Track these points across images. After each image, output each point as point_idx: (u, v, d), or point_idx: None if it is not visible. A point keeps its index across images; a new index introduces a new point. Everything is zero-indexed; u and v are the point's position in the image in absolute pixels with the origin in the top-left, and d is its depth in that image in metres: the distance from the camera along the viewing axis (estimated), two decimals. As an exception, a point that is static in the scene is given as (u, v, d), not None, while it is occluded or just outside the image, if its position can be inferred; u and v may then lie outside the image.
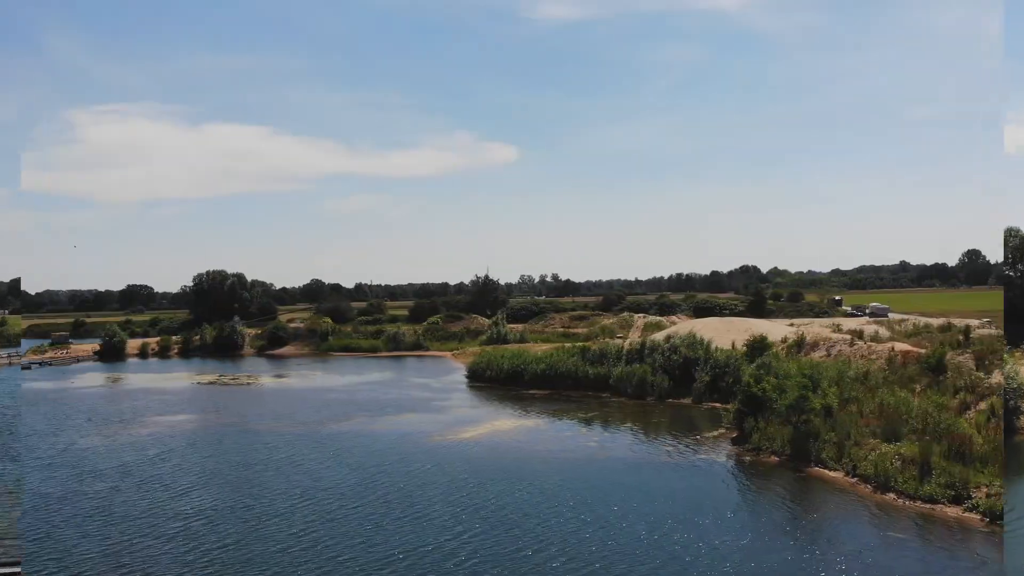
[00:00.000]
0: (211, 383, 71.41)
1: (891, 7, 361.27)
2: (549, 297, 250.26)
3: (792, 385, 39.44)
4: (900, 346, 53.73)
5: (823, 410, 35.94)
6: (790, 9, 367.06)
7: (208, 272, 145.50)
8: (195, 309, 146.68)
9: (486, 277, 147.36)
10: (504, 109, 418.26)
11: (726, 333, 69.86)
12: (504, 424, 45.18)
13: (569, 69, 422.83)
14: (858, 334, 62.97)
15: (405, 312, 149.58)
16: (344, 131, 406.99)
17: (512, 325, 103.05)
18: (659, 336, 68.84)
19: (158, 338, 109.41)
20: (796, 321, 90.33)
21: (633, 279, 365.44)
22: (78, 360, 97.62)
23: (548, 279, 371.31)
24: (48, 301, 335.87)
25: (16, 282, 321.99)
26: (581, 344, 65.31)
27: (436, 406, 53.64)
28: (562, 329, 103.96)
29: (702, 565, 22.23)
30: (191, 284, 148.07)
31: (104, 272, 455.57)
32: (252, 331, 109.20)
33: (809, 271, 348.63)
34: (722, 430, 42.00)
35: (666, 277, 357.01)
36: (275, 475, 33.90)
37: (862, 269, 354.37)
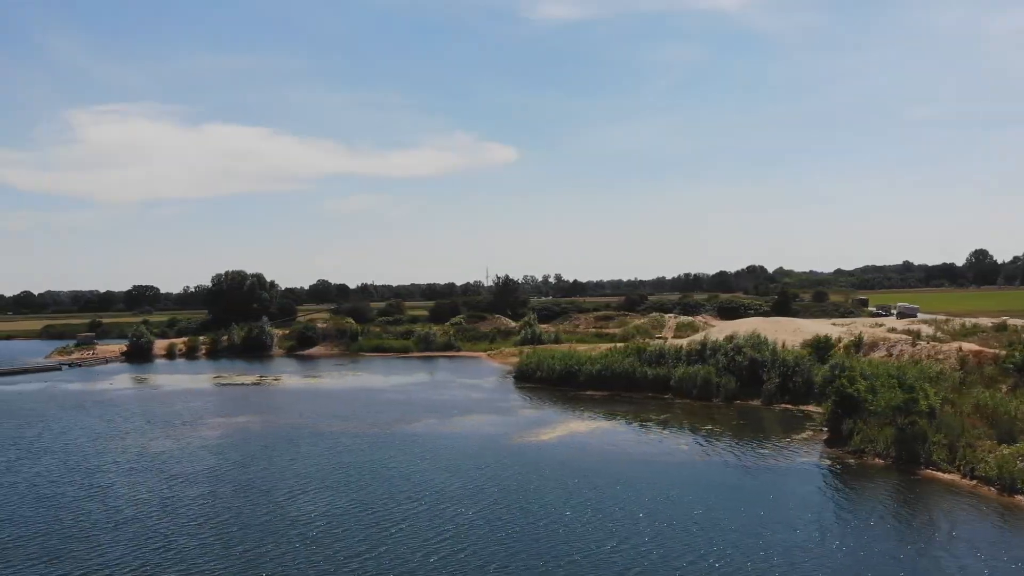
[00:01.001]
0: (255, 383, 70.42)
1: (891, 7, 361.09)
2: (556, 297, 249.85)
3: (881, 386, 38.74)
4: (968, 346, 52.98)
5: (927, 411, 35.14)
6: (790, 9, 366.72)
7: (227, 272, 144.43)
8: (213, 309, 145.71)
9: (507, 277, 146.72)
10: (504, 109, 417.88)
11: (774, 333, 68.92)
12: (579, 426, 44.28)
13: (569, 69, 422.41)
14: (915, 334, 62.26)
15: (424, 312, 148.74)
16: (344, 131, 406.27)
17: (542, 325, 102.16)
18: (718, 336, 67.94)
19: (185, 339, 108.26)
20: (837, 321, 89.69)
21: (634, 279, 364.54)
22: (107, 361, 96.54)
23: (551, 279, 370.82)
24: (51, 302, 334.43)
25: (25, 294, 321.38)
26: (635, 345, 64.35)
27: (497, 407, 52.73)
28: (594, 329, 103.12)
29: (836, 566, 21.43)
30: (209, 284, 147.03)
31: (103, 273, 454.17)
32: (279, 331, 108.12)
33: (811, 271, 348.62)
34: (810, 432, 41.18)
35: (669, 277, 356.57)
36: (374, 478, 32.90)
37: (867, 269, 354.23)
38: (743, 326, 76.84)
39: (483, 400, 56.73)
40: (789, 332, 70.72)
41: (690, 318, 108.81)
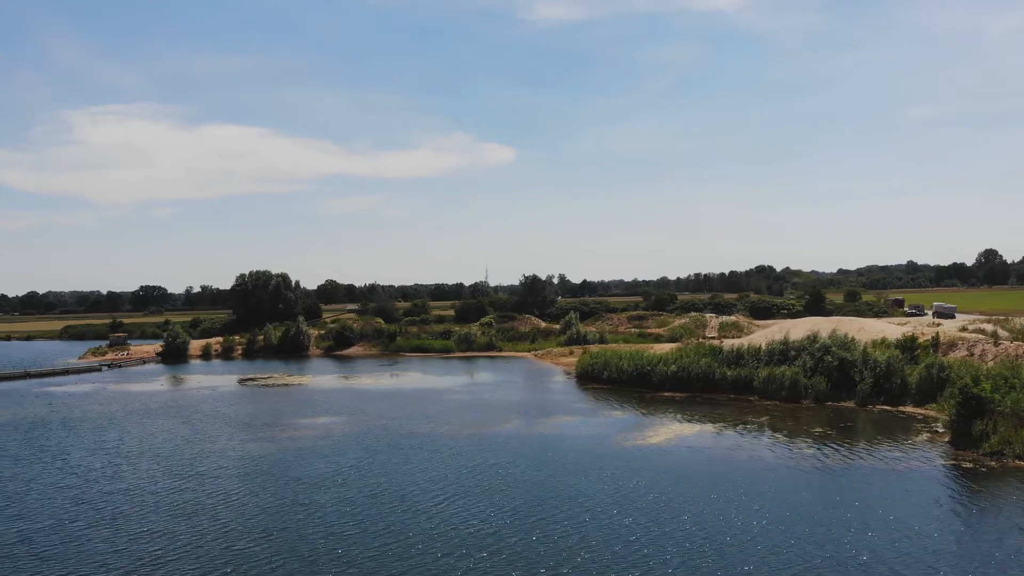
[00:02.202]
0: (308, 384, 69.01)
1: (891, 7, 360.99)
2: (565, 298, 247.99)
3: (1003, 385, 37.73)
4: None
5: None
6: (788, 9, 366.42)
7: (251, 272, 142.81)
8: (238, 309, 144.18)
9: (534, 277, 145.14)
10: (502, 110, 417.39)
11: (840, 332, 67.81)
12: (682, 429, 42.99)
13: (567, 70, 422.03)
14: (993, 334, 61.23)
15: (449, 312, 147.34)
16: (342, 132, 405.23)
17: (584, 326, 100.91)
18: (799, 335, 66.82)
19: (219, 339, 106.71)
20: (892, 320, 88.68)
21: (634, 280, 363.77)
22: (143, 362, 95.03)
23: (555, 279, 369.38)
24: (58, 303, 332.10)
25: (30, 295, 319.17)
26: (709, 346, 63.07)
27: (575, 408, 51.50)
28: (636, 329, 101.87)
29: None
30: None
31: (102, 273, 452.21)
32: (315, 331, 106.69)
33: (812, 271, 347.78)
34: (928, 434, 40.01)
35: (672, 277, 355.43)
36: (509, 482, 31.52)
37: (871, 269, 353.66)
38: (802, 325, 75.83)
39: (557, 401, 55.51)
40: (854, 331, 69.44)
41: (732, 318, 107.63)
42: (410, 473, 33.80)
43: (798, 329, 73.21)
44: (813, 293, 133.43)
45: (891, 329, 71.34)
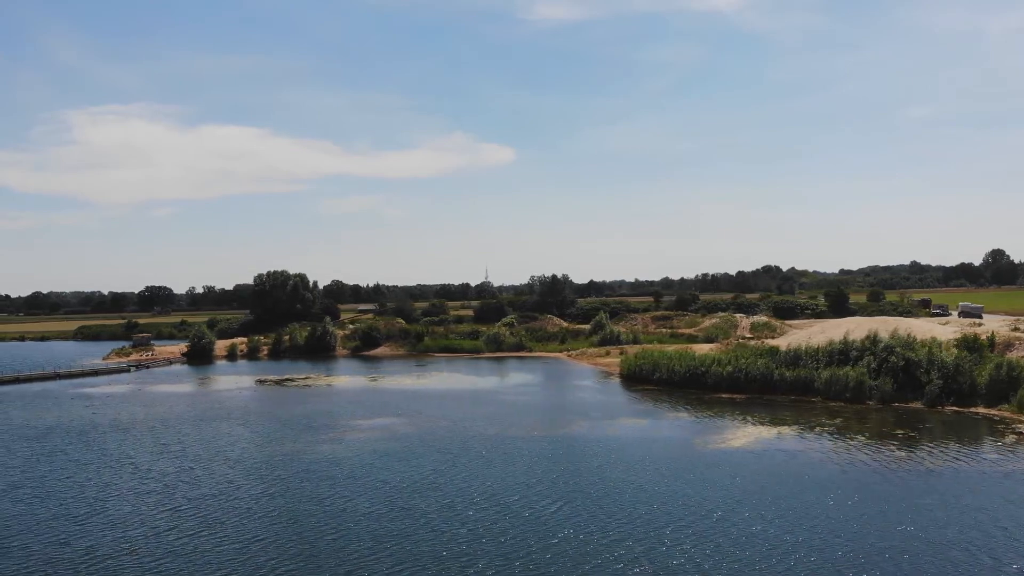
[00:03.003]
0: (350, 384, 67.90)
1: (890, 7, 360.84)
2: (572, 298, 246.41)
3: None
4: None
5: None
6: (788, 10, 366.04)
7: (269, 272, 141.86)
8: (255, 309, 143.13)
9: (553, 277, 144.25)
10: (501, 110, 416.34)
11: (883, 333, 67.07)
12: (758, 432, 41.97)
13: (566, 70, 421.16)
14: (1048, 334, 60.36)
15: (468, 313, 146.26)
16: (341, 132, 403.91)
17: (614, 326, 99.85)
18: (841, 336, 65.96)
19: (244, 339, 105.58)
20: (931, 320, 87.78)
21: (635, 280, 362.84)
22: (169, 362, 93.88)
23: (559, 279, 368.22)
24: (62, 303, 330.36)
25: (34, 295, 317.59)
26: (764, 347, 62.04)
27: (640, 410, 50.45)
28: (667, 330, 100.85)
29: None
30: (252, 284, 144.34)
31: (101, 274, 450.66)
32: (341, 332, 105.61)
33: (814, 271, 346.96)
34: (1014, 436, 39.11)
35: (675, 277, 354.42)
36: (607, 486, 30.50)
37: (875, 269, 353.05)
38: (848, 324, 74.82)
39: (614, 403, 54.52)
40: (902, 331, 68.64)
41: (763, 318, 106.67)
42: (500, 477, 32.77)
43: (840, 329, 72.35)
44: (836, 293, 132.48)
45: (939, 329, 70.50)
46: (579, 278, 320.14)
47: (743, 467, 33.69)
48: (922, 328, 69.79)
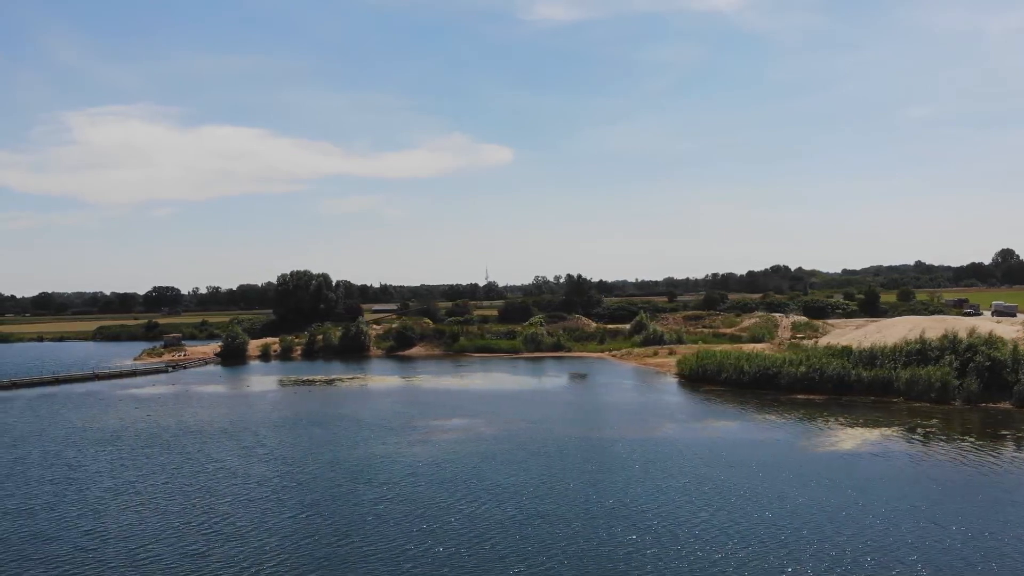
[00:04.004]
0: (399, 385, 66.55)
1: (890, 7, 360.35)
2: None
3: None
4: None
5: None
6: (787, 10, 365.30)
7: (292, 272, 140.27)
8: (278, 309, 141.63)
9: (579, 277, 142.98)
10: (501, 111, 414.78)
11: (943, 332, 65.95)
12: (861, 434, 40.60)
13: (565, 70, 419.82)
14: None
15: (492, 312, 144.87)
16: (341, 132, 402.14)
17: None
18: (897, 335, 64.87)
19: (276, 339, 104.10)
20: (983, 319, 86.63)
21: (638, 280, 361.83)
22: (205, 362, 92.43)
23: (562, 280, 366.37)
24: (68, 303, 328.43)
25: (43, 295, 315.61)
26: (835, 347, 60.73)
27: (721, 412, 48.97)
28: (708, 330, 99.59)
29: None
30: (275, 284, 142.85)
31: (102, 274, 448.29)
32: (374, 331, 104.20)
33: (816, 271, 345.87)
34: None
35: (681, 278, 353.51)
36: (750, 493, 29.25)
37: (879, 269, 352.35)
38: (899, 325, 73.59)
39: (687, 403, 53.24)
40: (962, 330, 67.56)
41: (803, 318, 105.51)
42: (625, 484, 31.43)
43: (896, 328, 71.17)
44: (868, 293, 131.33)
45: (999, 328, 69.36)
46: (583, 278, 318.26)
47: (869, 471, 32.45)
48: (985, 327, 68.62)
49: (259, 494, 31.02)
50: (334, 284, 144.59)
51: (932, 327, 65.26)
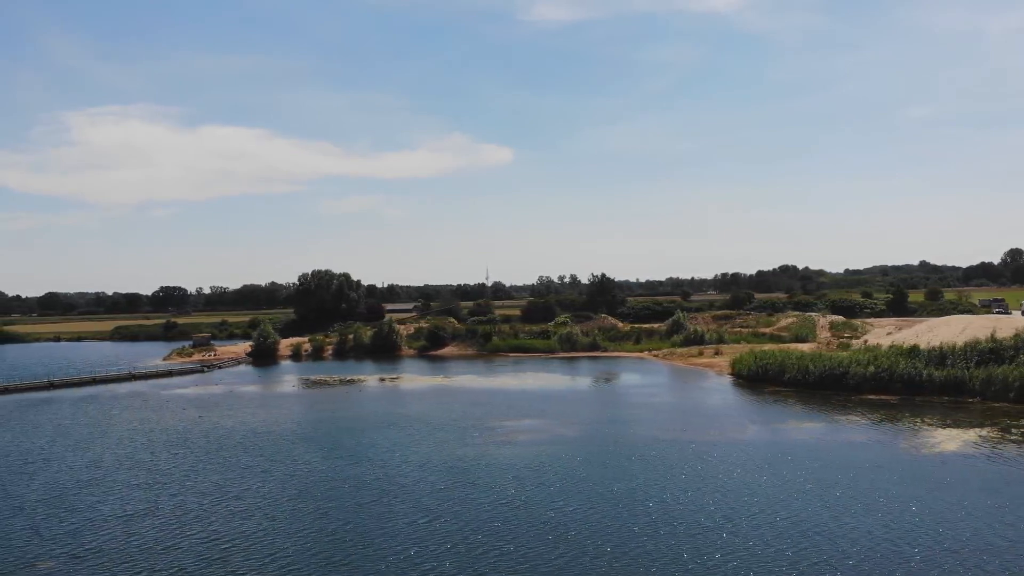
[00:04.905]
0: (447, 384, 65.30)
1: (890, 7, 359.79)
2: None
3: None
4: None
5: None
6: (787, 10, 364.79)
7: (313, 272, 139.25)
8: (300, 309, 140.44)
9: (603, 276, 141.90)
10: (500, 111, 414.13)
11: (1001, 331, 64.79)
12: (958, 434, 39.17)
13: (565, 70, 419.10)
14: None
15: (514, 312, 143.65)
16: (340, 133, 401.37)
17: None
18: (950, 334, 63.77)
19: (306, 338, 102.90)
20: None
21: (636, 279, 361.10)
22: (238, 362, 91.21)
23: (566, 279, 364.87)
24: (75, 304, 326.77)
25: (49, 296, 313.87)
26: (900, 347, 59.49)
27: (798, 413, 47.43)
28: (747, 329, 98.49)
29: None
30: (296, 283, 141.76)
31: (102, 274, 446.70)
32: (405, 331, 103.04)
33: (822, 270, 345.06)
34: None
35: (684, 277, 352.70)
36: (884, 501, 28.10)
37: (884, 269, 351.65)
38: (952, 324, 72.40)
39: (756, 405, 51.95)
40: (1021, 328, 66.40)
41: (840, 318, 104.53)
42: (751, 489, 30.29)
43: (950, 327, 69.84)
44: (896, 292, 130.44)
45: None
46: (585, 278, 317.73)
47: (995, 474, 31.32)
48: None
49: (365, 498, 29.78)
50: (356, 283, 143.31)
51: (984, 326, 64.21)
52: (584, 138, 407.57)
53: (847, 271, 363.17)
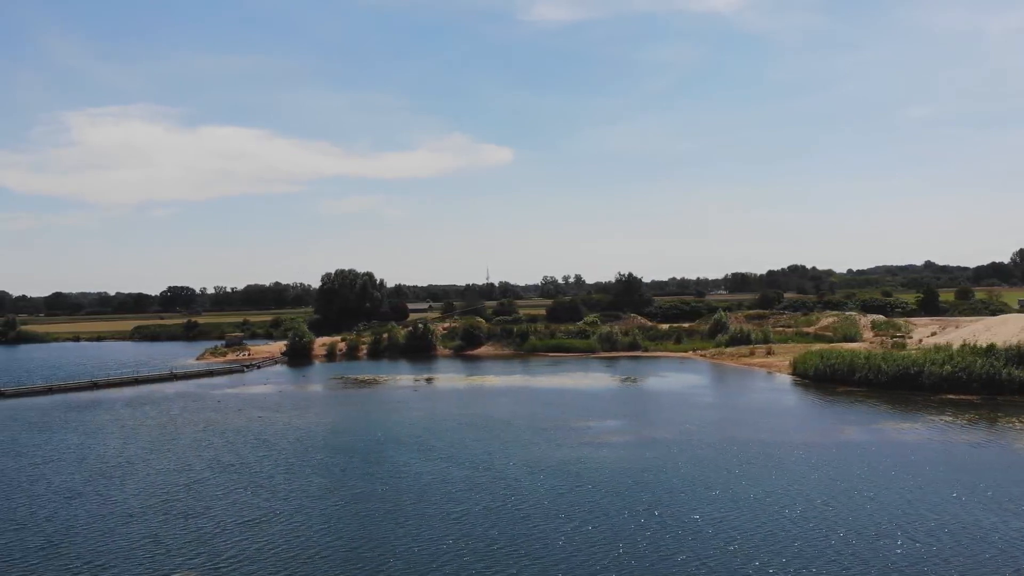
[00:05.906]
0: (496, 384, 64.00)
1: (890, 7, 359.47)
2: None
3: None
4: None
5: None
6: (787, 10, 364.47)
7: (337, 271, 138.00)
8: (323, 309, 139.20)
9: (630, 275, 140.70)
10: (500, 111, 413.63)
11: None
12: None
13: (565, 70, 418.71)
14: None
15: (540, 311, 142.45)
16: (340, 133, 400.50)
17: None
18: (1009, 333, 62.76)
19: (340, 337, 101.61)
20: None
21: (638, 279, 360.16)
22: (275, 362, 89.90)
23: (571, 280, 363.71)
24: (84, 304, 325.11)
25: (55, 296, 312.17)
26: (976, 346, 58.15)
27: (886, 414, 45.87)
28: (791, 329, 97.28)
29: None
30: (319, 283, 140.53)
31: (103, 273, 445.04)
32: (440, 330, 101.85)
33: (829, 270, 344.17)
34: None
35: (684, 277, 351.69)
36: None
37: (890, 269, 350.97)
38: (1011, 322, 71.34)
39: (837, 406, 50.59)
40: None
41: (881, 317, 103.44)
42: (882, 494, 29.10)
43: (1007, 327, 68.97)
44: (927, 291, 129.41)
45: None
46: (590, 278, 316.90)
47: None
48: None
49: (493, 501, 28.48)
50: (379, 283, 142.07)
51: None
52: (584, 138, 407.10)
53: (850, 271, 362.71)
